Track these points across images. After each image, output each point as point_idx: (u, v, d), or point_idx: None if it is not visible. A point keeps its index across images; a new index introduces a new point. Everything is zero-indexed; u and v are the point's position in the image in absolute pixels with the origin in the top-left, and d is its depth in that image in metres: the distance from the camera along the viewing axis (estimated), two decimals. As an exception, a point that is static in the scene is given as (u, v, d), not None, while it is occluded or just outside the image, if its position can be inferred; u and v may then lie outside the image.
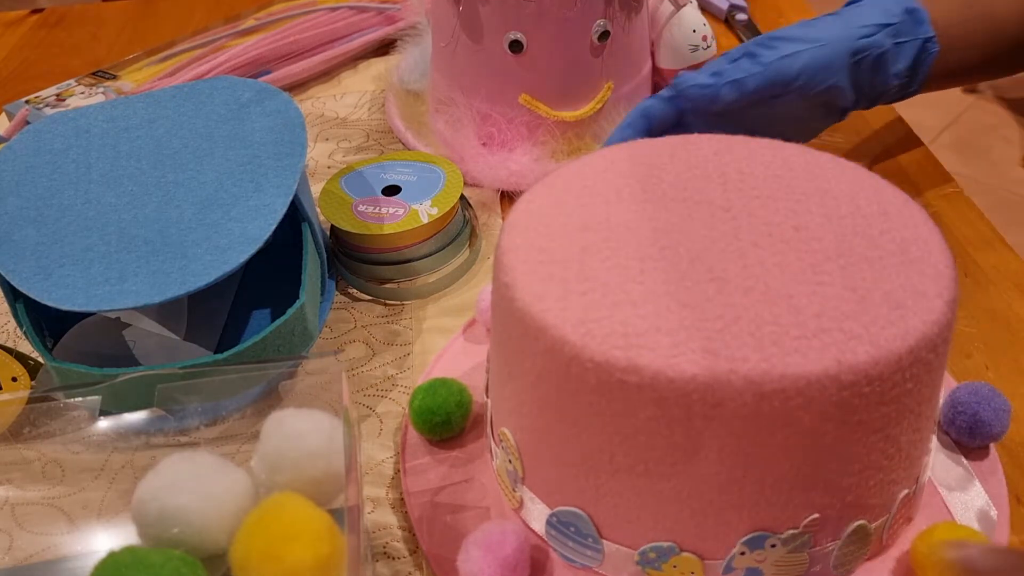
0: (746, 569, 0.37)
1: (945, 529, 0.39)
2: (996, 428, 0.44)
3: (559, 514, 0.39)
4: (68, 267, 0.47)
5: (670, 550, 0.37)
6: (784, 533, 0.36)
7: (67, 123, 0.56)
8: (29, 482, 0.40)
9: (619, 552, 0.38)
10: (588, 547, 0.39)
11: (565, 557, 0.41)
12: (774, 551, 0.36)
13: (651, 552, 0.37)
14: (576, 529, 0.39)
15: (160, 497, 0.34)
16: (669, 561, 0.37)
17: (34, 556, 0.38)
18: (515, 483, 0.41)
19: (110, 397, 0.40)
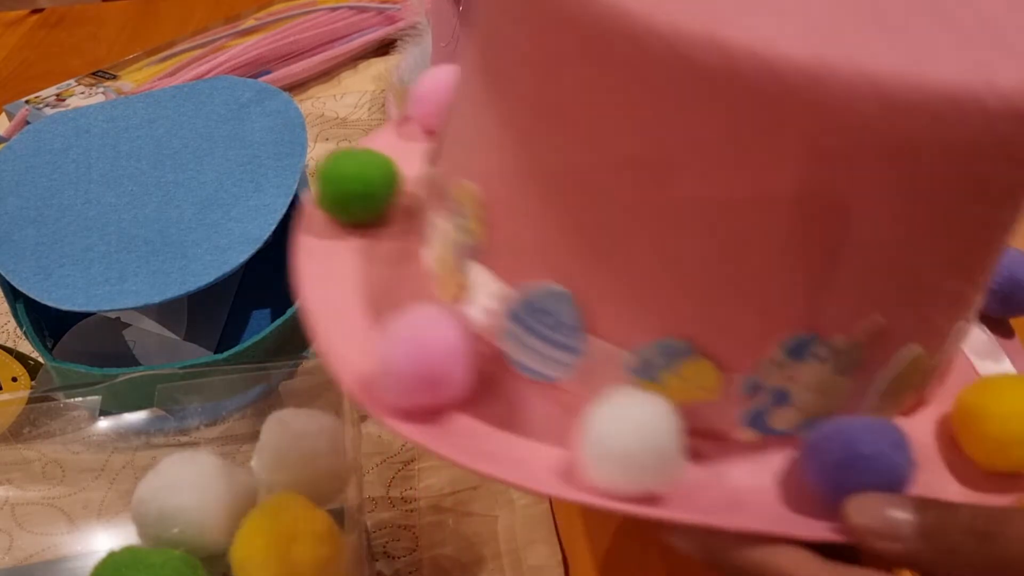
0: (774, 391, 0.29)
1: (1004, 380, 0.31)
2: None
3: (530, 295, 0.29)
4: (68, 267, 0.47)
5: (681, 351, 0.28)
6: (835, 339, 0.28)
7: (67, 123, 0.56)
8: (29, 482, 0.40)
9: (606, 353, 0.29)
10: (562, 346, 0.29)
11: (521, 365, 0.30)
12: (816, 365, 0.28)
13: (653, 352, 0.28)
14: (550, 318, 0.29)
15: (160, 497, 0.34)
16: (675, 368, 0.28)
17: (34, 556, 0.38)
18: (462, 261, 0.31)
19: (110, 397, 0.40)
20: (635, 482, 0.26)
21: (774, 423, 0.29)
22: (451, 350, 0.28)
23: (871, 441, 0.27)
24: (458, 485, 0.45)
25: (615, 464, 0.26)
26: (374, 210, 0.37)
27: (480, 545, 0.42)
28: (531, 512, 0.44)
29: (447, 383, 0.28)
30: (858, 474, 0.27)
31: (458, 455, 0.27)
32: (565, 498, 0.27)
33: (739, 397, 0.29)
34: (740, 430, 0.30)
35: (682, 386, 0.28)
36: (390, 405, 0.29)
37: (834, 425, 0.28)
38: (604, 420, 0.27)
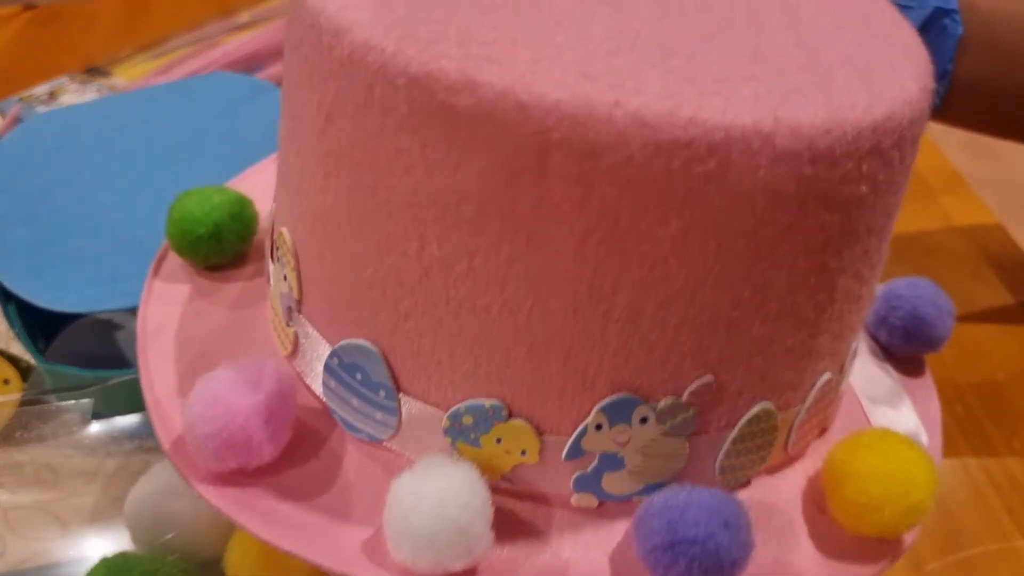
0: (601, 455, 0.27)
1: (874, 437, 0.30)
2: (937, 331, 0.36)
3: (341, 352, 0.28)
4: (60, 267, 0.46)
5: (494, 412, 0.26)
6: (661, 401, 0.26)
7: (60, 121, 0.55)
8: (21, 486, 0.39)
9: (422, 414, 0.28)
10: (379, 405, 0.28)
11: (347, 424, 0.29)
12: (644, 429, 0.26)
13: (466, 414, 0.27)
14: (364, 376, 0.28)
15: (154, 502, 0.34)
16: (492, 431, 0.27)
17: (26, 561, 0.38)
18: (289, 314, 0.30)
19: (103, 400, 0.39)
20: (438, 561, 0.25)
21: (609, 488, 0.28)
22: (252, 413, 0.27)
23: (698, 522, 0.25)
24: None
25: (416, 542, 0.25)
26: (226, 252, 0.35)
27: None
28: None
29: (250, 447, 0.27)
30: (683, 557, 0.25)
31: (261, 528, 0.27)
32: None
33: (563, 462, 0.27)
34: (573, 495, 0.28)
35: (502, 450, 0.27)
36: (200, 468, 0.28)
37: (662, 500, 0.26)
38: (405, 495, 0.25)
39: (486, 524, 0.26)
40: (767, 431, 0.29)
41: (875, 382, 0.36)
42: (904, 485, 0.28)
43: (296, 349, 0.31)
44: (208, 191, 0.36)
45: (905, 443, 0.29)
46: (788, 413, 0.29)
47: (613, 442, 0.27)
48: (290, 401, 0.28)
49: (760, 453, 0.30)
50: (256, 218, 0.36)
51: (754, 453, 0.29)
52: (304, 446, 0.29)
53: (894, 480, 0.28)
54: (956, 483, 0.44)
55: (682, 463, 0.28)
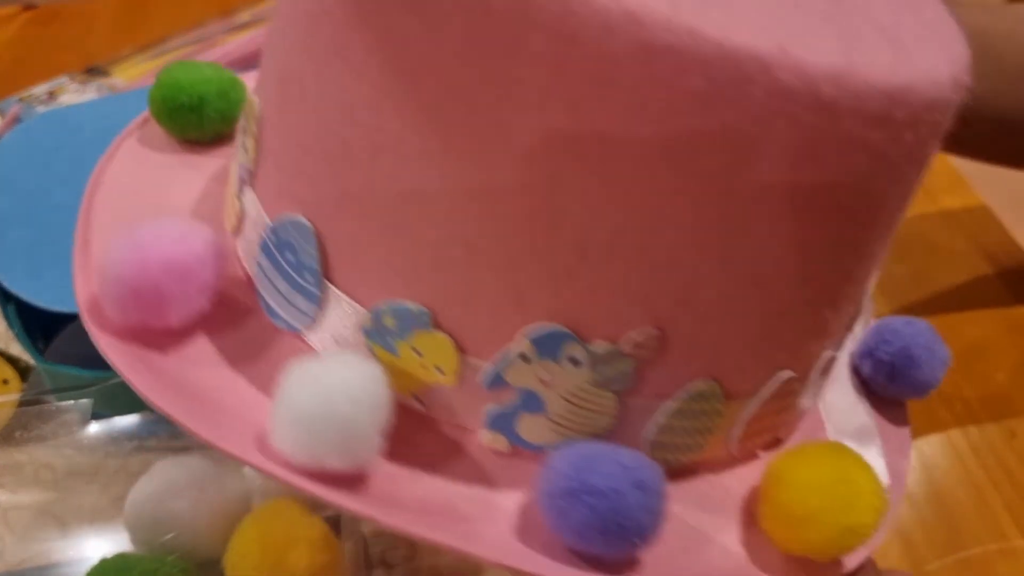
0: (522, 391, 0.25)
1: (825, 447, 0.28)
2: (925, 375, 0.34)
3: (279, 227, 0.27)
4: (60, 268, 0.46)
5: (418, 318, 0.24)
6: (597, 344, 0.24)
7: (59, 120, 0.55)
8: (20, 486, 0.39)
9: (344, 308, 0.26)
10: (303, 291, 0.27)
11: (270, 310, 0.28)
12: (573, 371, 0.24)
13: (389, 315, 0.25)
14: (295, 256, 0.27)
15: (153, 502, 0.34)
16: (412, 339, 0.25)
17: (25, 562, 0.38)
18: (242, 186, 0.29)
19: (102, 400, 0.39)
20: (316, 455, 0.23)
21: (524, 432, 0.26)
22: (167, 268, 0.26)
23: (610, 474, 0.23)
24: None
25: (296, 430, 0.23)
26: (205, 127, 0.34)
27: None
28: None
29: (157, 302, 0.26)
30: (583, 507, 0.23)
31: (152, 392, 0.25)
32: (251, 464, 0.24)
33: (481, 390, 0.25)
34: (485, 433, 0.26)
35: (419, 363, 0.25)
36: (106, 320, 0.27)
37: (579, 446, 0.24)
38: (296, 379, 0.24)
39: (374, 428, 0.23)
40: (709, 413, 0.26)
41: (847, 415, 0.33)
42: (845, 501, 0.25)
43: (240, 226, 0.29)
44: (201, 64, 0.35)
45: (858, 461, 0.27)
46: (736, 403, 0.27)
47: (537, 379, 0.25)
48: (211, 269, 0.27)
49: (698, 438, 0.27)
50: (243, 102, 0.34)
51: (692, 436, 0.27)
52: (222, 323, 0.28)
53: (835, 494, 0.25)
54: (956, 483, 0.44)
55: (608, 422, 0.25)
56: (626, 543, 0.23)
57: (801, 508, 0.25)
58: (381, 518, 0.23)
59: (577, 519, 0.23)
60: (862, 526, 0.25)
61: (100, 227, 0.31)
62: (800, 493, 0.26)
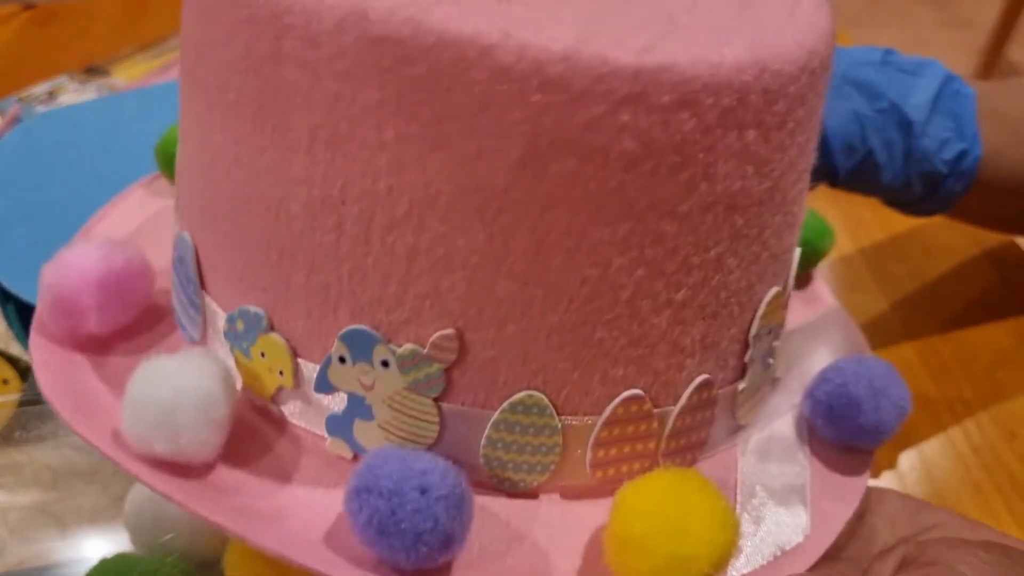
0: (350, 396, 0.26)
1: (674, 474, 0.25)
2: (865, 417, 0.30)
3: (178, 244, 0.30)
4: (59, 267, 0.46)
5: (258, 321, 0.26)
6: (402, 346, 0.24)
7: (58, 120, 0.56)
8: (20, 487, 0.39)
9: (213, 314, 0.28)
10: (191, 303, 0.29)
11: (179, 322, 0.31)
12: (386, 374, 0.25)
13: (239, 318, 0.27)
14: (185, 270, 0.29)
15: (153, 503, 0.34)
16: (257, 343, 0.27)
17: (25, 562, 0.38)
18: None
19: (102, 400, 0.39)
20: (142, 437, 0.25)
21: (360, 439, 0.26)
22: (87, 279, 0.29)
23: (390, 475, 0.23)
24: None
25: (128, 411, 0.25)
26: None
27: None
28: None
29: (75, 309, 0.29)
30: (367, 508, 0.23)
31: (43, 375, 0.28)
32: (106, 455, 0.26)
33: (314, 393, 0.26)
34: (328, 440, 0.27)
35: (265, 366, 0.27)
36: (47, 326, 0.30)
37: (385, 450, 0.24)
38: (139, 370, 0.26)
39: (200, 419, 0.25)
40: (542, 429, 0.26)
41: (775, 463, 0.30)
42: (674, 528, 0.23)
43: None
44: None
45: (705, 490, 0.25)
46: (578, 421, 0.26)
47: (359, 383, 0.25)
48: (131, 283, 0.30)
49: (540, 458, 0.26)
50: None
51: (530, 454, 0.26)
52: (142, 332, 0.31)
53: (663, 519, 0.24)
54: (956, 483, 0.44)
55: (434, 432, 0.25)
56: (411, 549, 0.23)
57: (626, 531, 0.24)
58: (199, 510, 0.24)
59: (362, 519, 0.23)
60: (691, 558, 0.23)
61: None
62: (628, 517, 0.24)
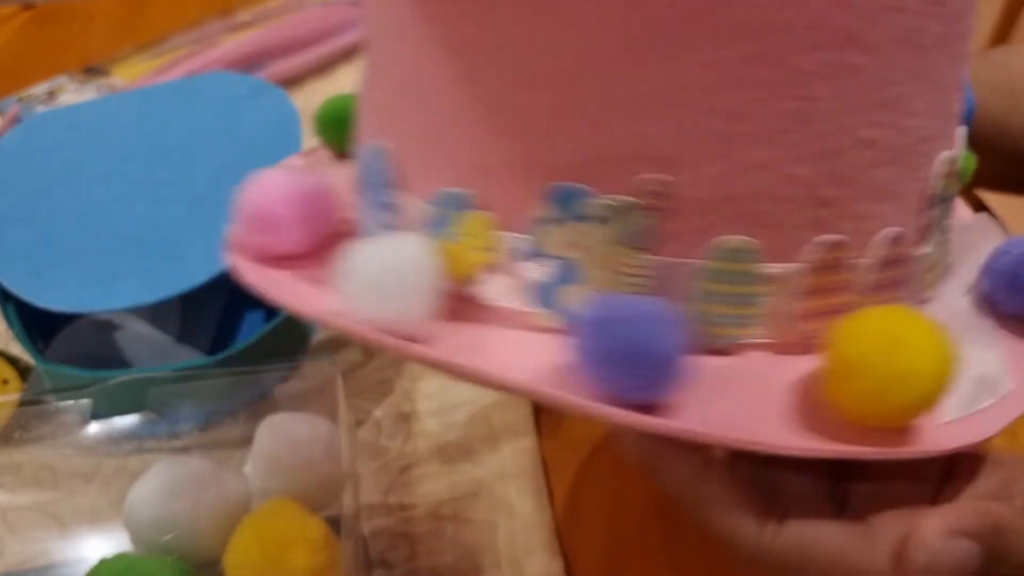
0: (560, 261, 0.26)
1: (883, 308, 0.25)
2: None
3: (366, 155, 0.31)
4: (59, 267, 0.46)
5: (463, 201, 0.27)
6: (612, 197, 0.25)
7: (58, 121, 0.55)
8: (20, 487, 0.39)
9: (412, 207, 0.29)
10: (386, 205, 0.31)
11: (369, 232, 0.33)
12: (599, 230, 0.26)
13: (441, 203, 0.28)
14: (377, 177, 0.31)
15: (153, 503, 0.34)
16: (461, 223, 0.28)
17: (25, 562, 0.38)
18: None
19: (102, 400, 0.39)
20: (371, 304, 0.26)
21: (571, 305, 0.27)
22: (283, 195, 0.31)
23: (623, 305, 0.24)
24: (457, 492, 0.45)
25: (351, 286, 0.26)
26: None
27: (479, 553, 0.42)
28: (532, 520, 0.43)
29: (272, 223, 0.31)
30: (606, 339, 0.23)
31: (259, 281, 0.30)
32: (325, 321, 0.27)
33: (524, 264, 0.27)
34: (536, 311, 0.27)
35: (470, 245, 0.27)
36: (242, 245, 0.32)
37: (602, 297, 0.25)
38: (356, 247, 0.27)
39: (421, 282, 0.26)
40: (748, 277, 0.26)
41: (962, 317, 0.30)
42: (894, 346, 0.23)
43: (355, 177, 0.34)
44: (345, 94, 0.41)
45: (919, 317, 0.24)
46: (782, 268, 0.26)
47: (569, 243, 0.26)
48: (324, 201, 0.32)
49: (746, 309, 0.26)
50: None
51: (737, 306, 0.26)
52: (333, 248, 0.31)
53: (883, 339, 0.23)
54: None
55: (646, 286, 0.26)
56: (642, 376, 0.23)
57: (845, 356, 0.24)
58: (430, 354, 0.25)
59: (600, 349, 0.23)
60: (915, 374, 0.23)
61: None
62: (846, 343, 0.24)
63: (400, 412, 0.50)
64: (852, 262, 0.27)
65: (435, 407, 0.50)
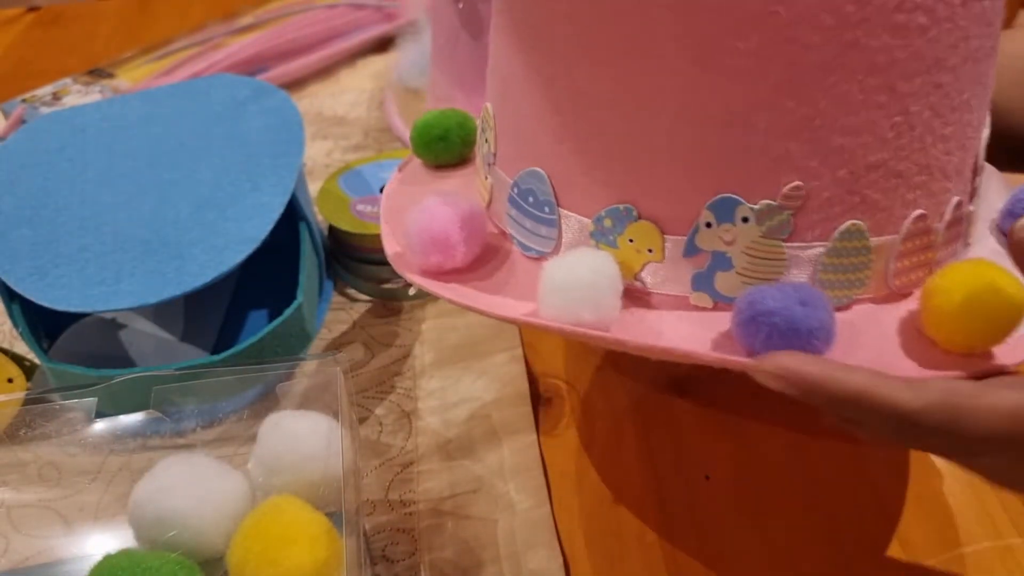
0: (713, 253, 0.33)
1: (969, 261, 0.32)
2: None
3: (520, 181, 0.37)
4: (64, 267, 0.46)
5: (627, 214, 0.34)
6: (758, 203, 0.32)
7: (63, 122, 0.55)
8: (25, 484, 0.39)
9: (575, 223, 0.36)
10: (544, 221, 0.37)
11: (523, 246, 0.38)
12: (746, 228, 0.32)
13: (606, 217, 0.34)
14: (534, 198, 0.37)
15: (157, 500, 0.34)
16: (625, 231, 0.34)
17: (30, 559, 0.38)
18: (488, 169, 0.40)
19: (106, 399, 0.39)
20: (572, 310, 0.32)
21: (721, 288, 0.33)
22: (451, 219, 0.36)
23: (775, 297, 0.30)
24: (457, 488, 0.45)
25: (555, 294, 0.32)
26: (452, 152, 0.46)
27: (480, 549, 0.42)
28: (532, 516, 0.43)
29: (448, 244, 0.36)
30: (764, 327, 0.29)
31: (450, 294, 0.36)
32: (528, 323, 0.33)
33: (682, 259, 0.33)
34: (692, 294, 0.34)
35: (633, 249, 0.34)
36: (412, 265, 0.37)
37: (755, 288, 0.31)
38: (553, 263, 0.33)
39: (612, 289, 0.32)
40: (860, 251, 0.33)
41: (997, 255, 0.36)
42: (987, 291, 0.30)
43: (491, 198, 0.40)
44: (443, 109, 0.47)
45: (996, 265, 0.31)
46: (883, 240, 0.33)
47: (721, 240, 0.32)
48: (480, 221, 0.37)
49: (857, 274, 0.33)
50: (475, 130, 0.47)
51: (851, 272, 0.33)
52: (489, 260, 0.38)
53: (977, 286, 0.30)
54: (953, 481, 0.44)
55: (783, 269, 0.33)
56: (804, 343, 0.29)
57: (949, 305, 0.30)
58: (627, 338, 0.32)
59: (761, 337, 0.30)
60: (1012, 306, 0.30)
61: (392, 214, 0.43)
62: (947, 295, 0.31)
63: (401, 410, 0.50)
64: (931, 226, 0.34)
65: (436, 405, 0.50)
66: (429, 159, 0.47)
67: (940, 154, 0.33)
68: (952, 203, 0.35)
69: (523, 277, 0.37)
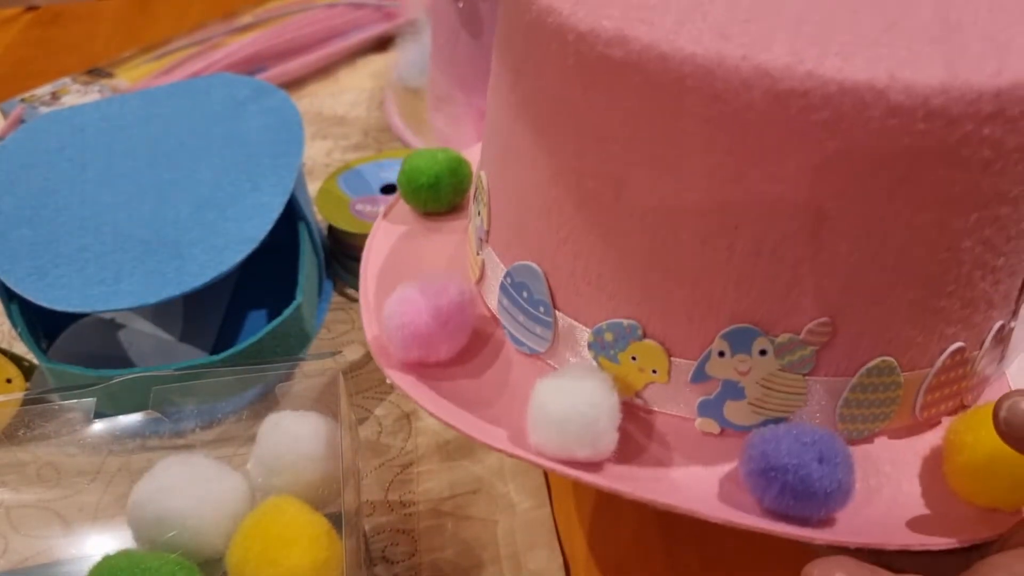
0: (723, 382, 0.30)
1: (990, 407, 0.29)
2: None
3: (514, 272, 0.34)
4: (63, 267, 0.46)
5: (631, 331, 0.31)
6: (779, 336, 0.29)
7: (62, 122, 0.55)
8: (24, 485, 0.39)
9: (572, 329, 0.32)
10: (539, 320, 0.33)
11: (514, 338, 0.35)
12: (763, 360, 0.29)
13: (607, 331, 0.31)
14: (529, 294, 0.33)
15: (156, 500, 0.34)
16: (628, 349, 0.31)
17: (29, 559, 0.38)
18: (480, 244, 0.37)
19: (105, 399, 0.39)
20: (566, 447, 0.29)
21: (730, 416, 0.31)
22: (433, 315, 0.33)
23: (791, 452, 0.27)
24: (457, 489, 0.45)
25: (549, 429, 0.29)
26: (441, 200, 0.43)
27: (480, 549, 0.42)
28: (531, 516, 0.43)
29: (429, 342, 0.33)
30: (776, 483, 0.27)
31: (430, 405, 0.32)
32: (513, 455, 0.30)
33: (689, 384, 0.31)
34: (697, 419, 0.31)
35: (636, 367, 0.31)
36: (393, 359, 0.34)
37: (766, 430, 0.28)
38: (546, 389, 0.30)
39: (611, 424, 0.29)
40: (889, 386, 0.30)
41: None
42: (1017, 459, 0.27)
43: (482, 275, 0.37)
44: (435, 151, 0.43)
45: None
46: (914, 374, 0.30)
47: (734, 371, 0.30)
48: (467, 312, 0.34)
49: (882, 409, 0.31)
50: (470, 176, 0.43)
51: (876, 407, 0.30)
52: (478, 352, 0.35)
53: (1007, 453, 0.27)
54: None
55: (801, 402, 0.30)
56: (819, 505, 0.27)
57: (974, 468, 0.28)
58: (620, 488, 0.29)
59: (773, 493, 0.27)
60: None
61: (373, 285, 0.39)
62: (973, 456, 0.28)
63: (401, 410, 0.50)
64: (968, 356, 0.31)
65: (436, 406, 0.50)
66: (417, 206, 0.44)
67: (988, 286, 0.30)
68: (994, 329, 0.32)
69: (517, 376, 0.34)
